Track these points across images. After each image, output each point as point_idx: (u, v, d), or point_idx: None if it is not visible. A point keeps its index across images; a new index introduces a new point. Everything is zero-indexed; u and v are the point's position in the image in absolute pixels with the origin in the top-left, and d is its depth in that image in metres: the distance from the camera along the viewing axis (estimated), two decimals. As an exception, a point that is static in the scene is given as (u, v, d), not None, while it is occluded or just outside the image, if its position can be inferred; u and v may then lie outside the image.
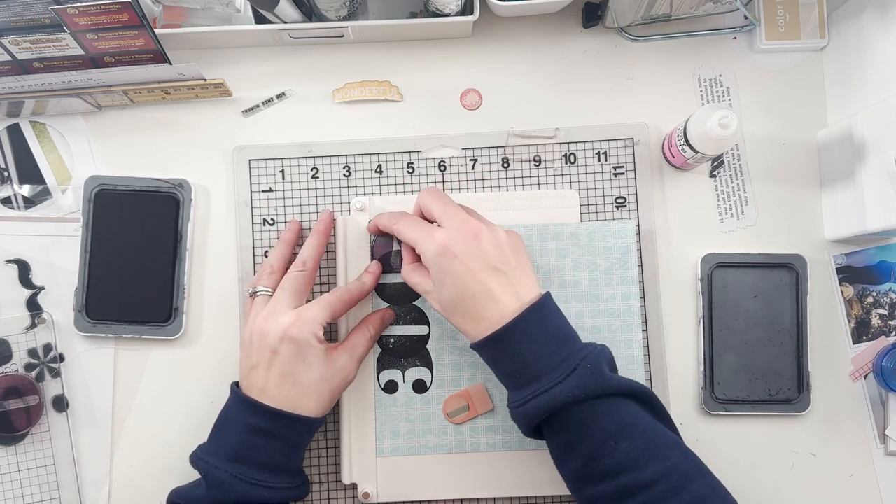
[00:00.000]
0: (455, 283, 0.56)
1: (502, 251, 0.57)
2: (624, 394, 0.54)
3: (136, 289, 0.68)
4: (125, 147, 0.70)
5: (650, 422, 0.53)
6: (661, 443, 0.52)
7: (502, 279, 0.56)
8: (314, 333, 0.59)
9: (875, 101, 0.62)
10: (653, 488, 0.50)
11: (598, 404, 0.53)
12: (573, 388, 0.52)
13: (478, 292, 0.55)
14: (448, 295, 0.57)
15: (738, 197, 0.69)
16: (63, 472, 0.67)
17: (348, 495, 0.67)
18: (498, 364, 0.57)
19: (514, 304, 0.55)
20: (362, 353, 0.63)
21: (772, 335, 0.67)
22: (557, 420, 0.53)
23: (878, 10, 0.63)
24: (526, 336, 0.54)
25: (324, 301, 0.60)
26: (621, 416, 0.53)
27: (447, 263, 0.56)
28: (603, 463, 0.52)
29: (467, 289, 0.55)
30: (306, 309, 0.59)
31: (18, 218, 0.69)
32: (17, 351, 0.68)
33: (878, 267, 0.68)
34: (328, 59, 0.71)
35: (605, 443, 0.52)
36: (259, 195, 0.69)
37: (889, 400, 0.67)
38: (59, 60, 0.64)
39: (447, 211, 0.58)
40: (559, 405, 0.53)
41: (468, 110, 0.70)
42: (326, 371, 0.59)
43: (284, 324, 0.58)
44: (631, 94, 0.70)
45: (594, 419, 0.52)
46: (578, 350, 0.55)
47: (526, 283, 0.57)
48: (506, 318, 0.55)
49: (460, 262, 0.55)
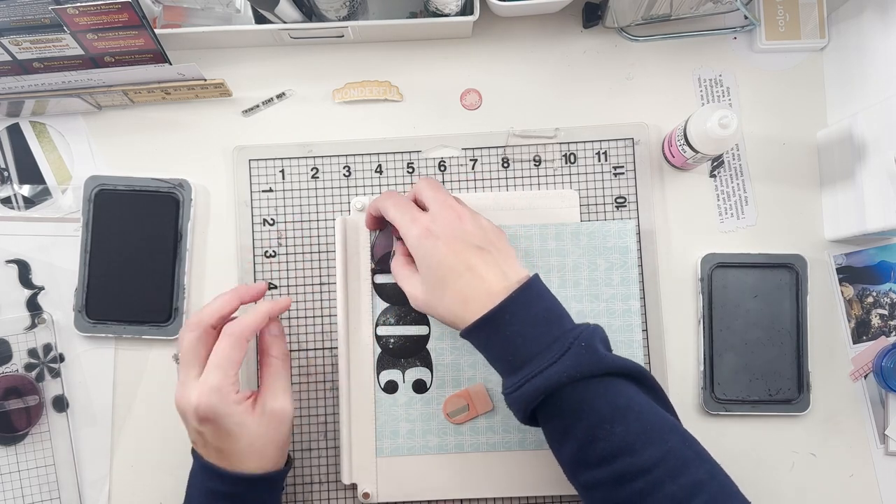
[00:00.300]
0: (439, 263, 0.55)
1: (485, 233, 0.57)
2: (619, 373, 0.52)
3: (136, 289, 0.68)
4: (125, 147, 0.70)
5: (647, 403, 0.52)
6: (658, 426, 0.51)
7: (487, 257, 0.55)
8: (225, 401, 0.54)
9: (875, 101, 0.62)
10: (650, 473, 0.49)
11: (593, 385, 0.51)
12: (567, 368, 0.51)
13: (463, 271, 0.55)
14: (433, 277, 0.56)
15: (738, 197, 0.69)
16: (63, 472, 0.67)
17: (348, 495, 0.67)
18: (489, 348, 0.55)
19: (501, 282, 0.55)
20: (285, 384, 0.58)
21: (772, 335, 0.67)
22: (552, 403, 0.52)
23: (878, 10, 0.63)
24: (516, 318, 0.53)
25: (221, 359, 0.55)
26: (616, 398, 0.51)
27: (430, 245, 0.55)
28: (598, 447, 0.50)
29: (452, 268, 0.55)
30: (208, 373, 0.54)
31: (18, 218, 0.69)
32: (17, 351, 0.68)
33: (879, 267, 0.68)
34: (328, 59, 0.71)
35: (600, 426, 0.50)
36: (259, 195, 0.69)
37: (889, 400, 0.67)
38: (59, 60, 0.64)
39: (434, 196, 0.58)
40: (554, 386, 0.51)
41: (468, 110, 0.71)
42: (258, 429, 0.55)
43: (193, 402, 0.54)
44: (631, 94, 0.70)
45: (589, 401, 0.51)
46: (571, 329, 0.53)
47: (511, 264, 0.56)
48: (494, 298, 0.54)
49: (443, 243, 0.55)
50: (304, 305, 0.68)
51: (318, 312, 0.68)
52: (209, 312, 0.57)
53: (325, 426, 0.67)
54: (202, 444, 0.56)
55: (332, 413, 0.67)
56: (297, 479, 0.67)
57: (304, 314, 0.68)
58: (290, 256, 0.68)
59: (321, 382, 0.68)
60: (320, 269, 0.68)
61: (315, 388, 0.68)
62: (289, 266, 0.68)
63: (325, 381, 0.68)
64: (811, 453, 0.67)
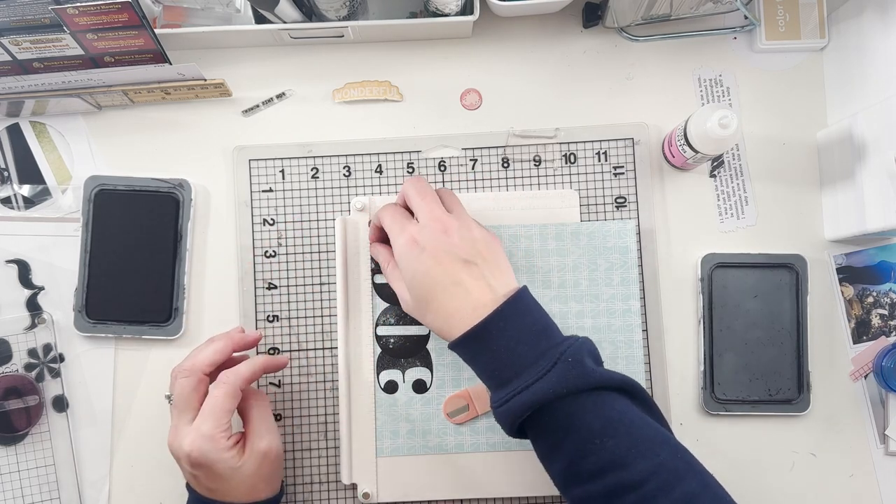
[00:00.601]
0: (424, 276, 0.55)
1: (473, 245, 0.55)
2: (609, 387, 0.51)
3: (136, 289, 0.68)
4: (125, 147, 0.70)
5: (637, 416, 0.51)
6: (649, 439, 0.50)
7: (473, 271, 0.54)
8: (216, 448, 0.55)
9: (875, 101, 0.62)
10: (642, 487, 0.48)
11: (582, 399, 0.50)
12: (554, 384, 0.50)
13: (448, 285, 0.54)
14: (418, 290, 0.55)
15: (738, 197, 0.69)
16: (63, 472, 0.67)
17: (348, 495, 0.67)
18: (476, 362, 0.54)
19: (488, 295, 0.54)
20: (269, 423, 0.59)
21: (772, 335, 0.67)
22: (540, 418, 0.51)
23: (878, 10, 0.63)
24: (502, 332, 0.52)
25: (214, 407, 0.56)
26: (606, 412, 0.50)
27: (416, 257, 0.55)
28: (589, 462, 0.50)
29: (437, 282, 0.54)
30: (201, 421, 0.56)
31: (18, 218, 0.69)
32: (17, 351, 0.68)
33: (879, 267, 0.68)
34: (328, 59, 0.71)
35: (590, 440, 0.50)
36: (259, 195, 0.69)
37: (889, 400, 0.67)
38: (59, 60, 0.64)
39: (421, 205, 0.57)
40: (541, 402, 0.50)
41: (468, 110, 0.70)
42: (248, 469, 0.57)
43: (186, 448, 0.55)
44: (631, 94, 0.70)
45: (578, 416, 0.50)
46: (558, 343, 0.52)
47: (500, 276, 0.55)
48: (479, 312, 0.53)
49: (428, 255, 0.54)
50: (304, 305, 0.68)
51: (318, 312, 0.68)
52: (203, 361, 0.58)
53: (325, 426, 0.67)
54: (195, 482, 0.58)
55: (332, 413, 0.67)
56: (297, 479, 0.67)
57: (304, 314, 0.68)
58: (290, 256, 0.68)
59: (321, 382, 0.68)
60: (320, 269, 0.68)
61: (315, 388, 0.68)
62: (289, 266, 0.68)
63: (325, 381, 0.68)
64: (811, 453, 0.67)
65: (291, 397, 0.68)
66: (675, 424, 0.67)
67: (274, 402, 0.67)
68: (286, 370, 0.67)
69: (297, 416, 0.67)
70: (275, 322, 0.68)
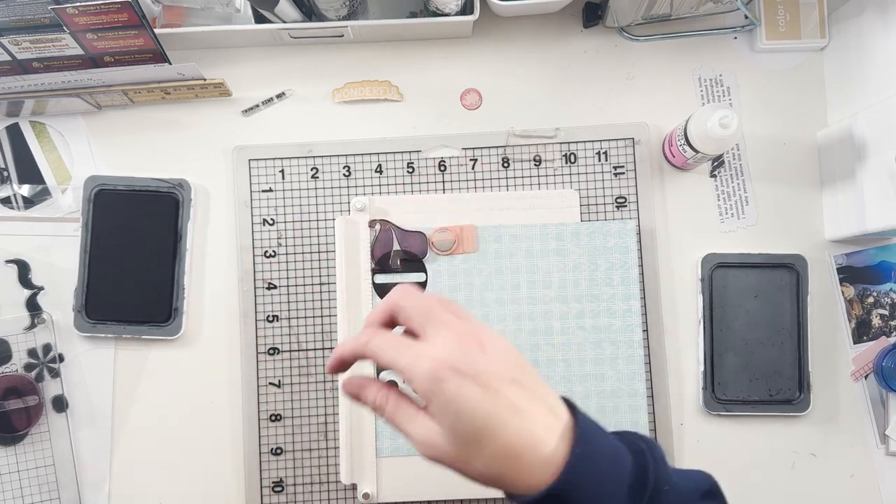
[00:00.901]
0: (473, 413, 0.41)
1: (514, 357, 0.43)
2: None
3: (136, 289, 0.67)
4: (125, 147, 0.70)
5: None
6: None
7: (528, 394, 0.42)
8: None
9: (875, 101, 0.62)
10: None
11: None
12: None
13: (507, 418, 0.41)
14: (465, 429, 0.41)
15: (738, 197, 0.69)
16: (63, 472, 0.67)
17: (348, 495, 0.67)
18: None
19: (554, 421, 0.42)
20: None
21: (772, 335, 0.67)
22: None
23: (878, 10, 0.63)
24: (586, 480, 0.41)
25: None
26: None
27: (456, 389, 0.40)
28: None
29: (491, 417, 0.41)
30: None
31: (18, 218, 0.69)
32: (17, 351, 0.68)
33: (879, 267, 0.68)
34: (328, 58, 0.71)
35: None
36: (259, 195, 0.69)
37: (889, 400, 0.67)
38: (59, 60, 0.64)
39: (436, 319, 0.42)
40: None
41: (468, 110, 0.70)
42: None
43: None
44: (631, 94, 0.70)
45: None
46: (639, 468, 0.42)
47: (547, 391, 0.43)
48: (548, 448, 0.41)
49: (472, 383, 0.41)
50: (304, 305, 0.68)
51: (318, 312, 0.68)
52: None
53: (325, 426, 0.67)
54: None
55: (332, 413, 0.67)
56: (297, 479, 0.67)
57: (304, 314, 0.68)
58: (290, 256, 0.68)
59: (321, 382, 0.68)
60: (320, 269, 0.68)
61: (315, 388, 0.68)
62: (289, 266, 0.68)
63: (325, 381, 0.68)
64: (811, 453, 0.67)
65: (291, 397, 0.68)
66: (675, 424, 0.67)
67: (274, 402, 0.67)
68: (286, 370, 0.67)
69: (297, 416, 0.67)
70: (275, 322, 0.68)
